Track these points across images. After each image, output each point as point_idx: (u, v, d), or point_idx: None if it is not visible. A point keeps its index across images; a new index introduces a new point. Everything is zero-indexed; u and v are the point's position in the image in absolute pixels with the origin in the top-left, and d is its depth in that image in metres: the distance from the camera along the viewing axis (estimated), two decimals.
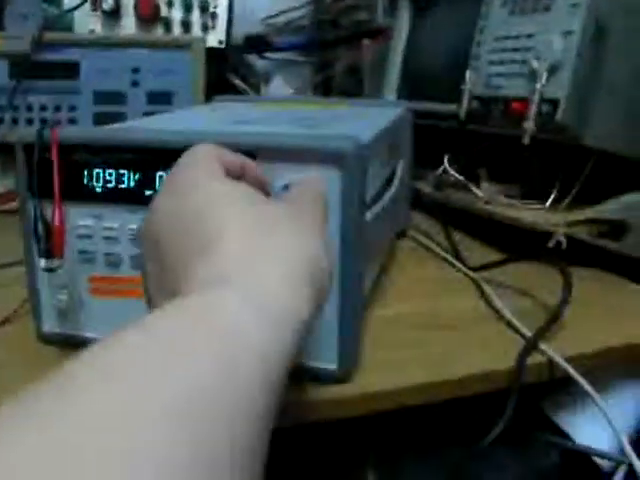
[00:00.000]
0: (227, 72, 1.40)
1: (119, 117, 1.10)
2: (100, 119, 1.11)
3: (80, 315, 0.61)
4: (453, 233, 0.92)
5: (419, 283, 0.80)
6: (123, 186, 0.56)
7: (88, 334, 0.61)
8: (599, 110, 0.82)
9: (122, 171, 0.56)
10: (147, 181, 0.56)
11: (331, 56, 1.63)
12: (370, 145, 0.58)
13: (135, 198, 0.56)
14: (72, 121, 1.11)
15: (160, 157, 0.55)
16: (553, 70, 0.84)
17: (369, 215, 0.60)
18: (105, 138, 0.57)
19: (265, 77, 1.63)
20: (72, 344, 0.61)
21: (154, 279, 0.42)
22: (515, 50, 0.93)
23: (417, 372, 0.59)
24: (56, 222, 0.54)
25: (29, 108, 1.11)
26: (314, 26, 1.77)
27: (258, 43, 1.66)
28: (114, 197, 0.57)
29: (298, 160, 0.51)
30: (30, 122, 1.10)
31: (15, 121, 1.10)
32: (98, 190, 0.57)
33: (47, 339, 0.63)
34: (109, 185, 0.57)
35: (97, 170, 0.57)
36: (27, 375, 0.56)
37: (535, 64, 0.86)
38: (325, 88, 1.63)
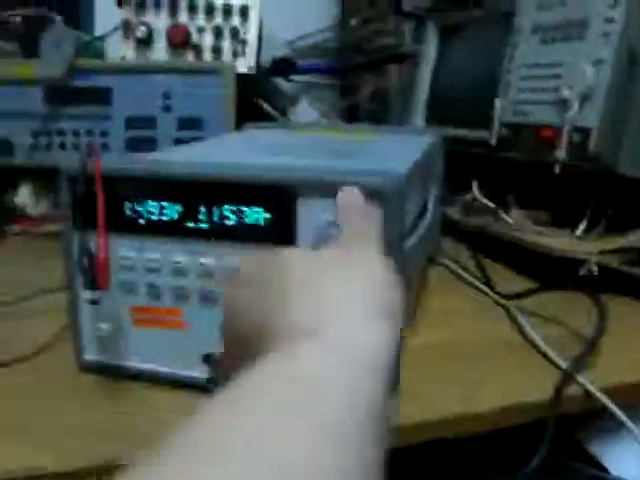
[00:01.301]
0: (255, 96, 1.41)
1: (150, 142, 1.12)
2: (132, 144, 1.12)
3: (121, 344, 0.62)
4: (482, 260, 0.92)
5: (450, 311, 0.81)
6: (165, 218, 0.57)
7: (128, 363, 0.62)
8: (631, 138, 0.82)
9: (164, 203, 0.57)
10: (189, 213, 0.56)
11: (357, 80, 1.64)
12: (407, 179, 0.59)
13: (177, 230, 0.57)
14: (104, 146, 1.12)
15: (202, 190, 0.55)
16: (585, 99, 0.84)
17: (411, 240, 0.61)
18: (149, 171, 0.58)
19: (291, 100, 1.64)
20: (112, 373, 0.62)
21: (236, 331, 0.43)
22: (545, 78, 0.93)
23: (451, 404, 0.59)
24: (101, 256, 0.54)
25: (62, 133, 1.12)
26: (339, 50, 1.79)
27: (284, 66, 1.68)
28: (156, 229, 0.58)
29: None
30: (63, 147, 1.12)
31: (49, 146, 1.12)
32: (141, 222, 0.58)
33: (87, 368, 0.63)
34: (152, 217, 0.58)
35: (140, 202, 0.57)
36: (68, 404, 0.57)
37: (566, 92, 0.86)
38: (351, 112, 1.64)
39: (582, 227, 0.90)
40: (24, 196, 1.11)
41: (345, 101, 1.68)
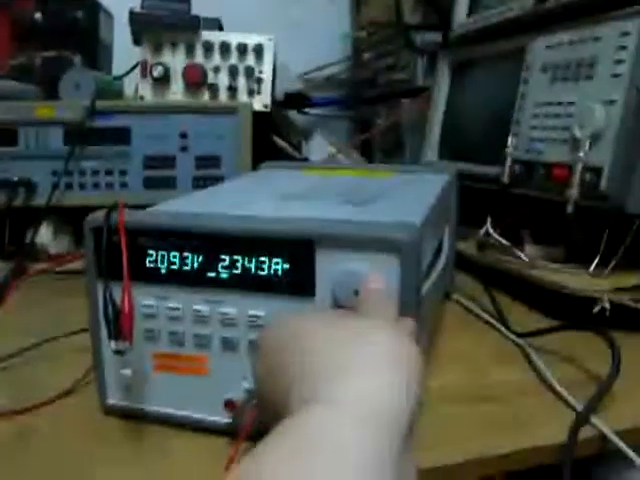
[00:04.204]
0: (271, 132, 1.43)
1: (169, 181, 1.14)
2: (150, 183, 1.15)
3: (144, 389, 0.63)
4: (496, 296, 0.93)
5: (465, 350, 0.82)
6: (186, 268, 0.59)
7: (152, 408, 0.63)
8: None
9: (185, 254, 0.59)
10: (209, 264, 0.58)
11: (370, 114, 1.66)
12: (423, 228, 0.60)
13: (198, 280, 0.59)
14: (123, 185, 1.14)
15: (223, 242, 0.57)
16: (596, 138, 0.86)
17: (427, 284, 0.62)
18: (171, 225, 0.59)
19: (306, 134, 1.66)
20: (136, 417, 0.63)
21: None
22: (557, 116, 0.95)
23: (466, 447, 0.60)
24: (125, 309, 0.56)
25: (82, 173, 1.14)
26: (353, 83, 1.81)
27: (298, 99, 1.70)
28: (178, 279, 0.59)
29: (356, 248, 0.53)
30: (83, 187, 1.14)
31: (69, 186, 1.14)
32: (163, 272, 0.59)
33: (111, 411, 0.65)
34: (173, 267, 0.59)
35: (162, 252, 0.59)
36: (92, 448, 0.59)
37: (577, 132, 0.88)
38: (366, 146, 1.66)
39: (595, 264, 0.91)
40: (45, 235, 1.13)
41: (360, 135, 1.69)
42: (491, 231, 1.04)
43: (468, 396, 0.70)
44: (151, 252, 0.60)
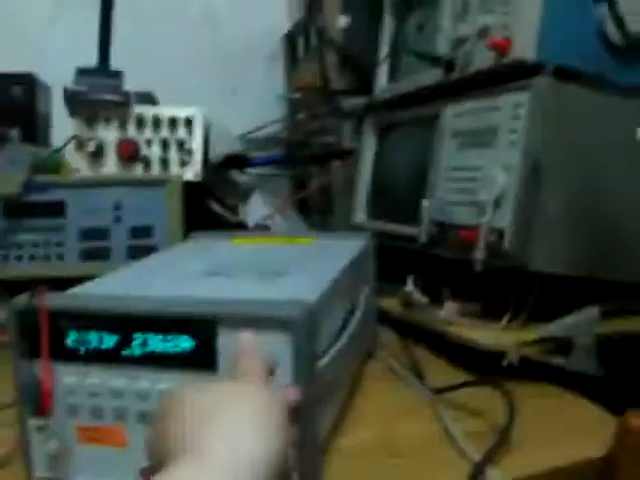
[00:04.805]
0: (207, 198, 1.48)
1: (104, 252, 1.19)
2: (86, 254, 1.18)
3: (69, 461, 0.67)
4: (414, 352, 0.98)
5: (381, 407, 0.86)
6: (104, 347, 0.63)
7: (77, 478, 0.67)
8: (539, 238, 0.89)
9: (102, 333, 0.63)
10: (124, 342, 0.63)
11: (305, 174, 1.72)
12: (323, 301, 0.66)
13: (114, 357, 0.63)
14: (59, 257, 1.18)
15: (135, 322, 0.62)
16: (498, 202, 0.92)
17: (325, 360, 0.67)
18: (87, 307, 0.64)
19: (245, 195, 1.71)
20: None
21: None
22: (464, 180, 1.01)
23: None
24: (45, 387, 0.60)
25: (19, 245, 1.18)
26: (288, 144, 1.87)
27: (237, 160, 1.75)
28: (96, 357, 0.64)
29: (254, 326, 0.59)
30: (19, 259, 1.18)
31: (6, 258, 1.18)
32: (82, 351, 0.64)
33: None
34: (91, 346, 0.64)
35: (81, 333, 0.64)
36: None
37: (482, 195, 0.94)
38: (303, 205, 1.71)
39: (505, 319, 0.96)
40: None
41: (297, 195, 1.75)
42: (412, 289, 1.09)
43: (376, 451, 0.74)
44: (71, 333, 0.64)
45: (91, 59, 1.29)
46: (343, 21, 1.47)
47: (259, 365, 0.56)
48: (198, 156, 1.30)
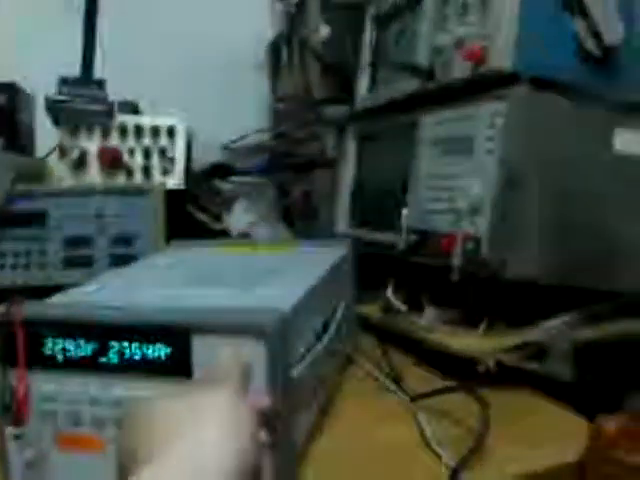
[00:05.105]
0: (189, 205, 1.49)
1: (86, 260, 1.19)
2: (68, 263, 1.19)
3: (47, 468, 0.67)
4: (393, 358, 0.99)
5: (359, 412, 0.87)
6: (81, 355, 0.64)
7: None
8: (514, 246, 0.90)
9: (80, 341, 0.64)
10: (101, 350, 0.63)
11: (289, 182, 1.73)
12: (298, 309, 0.67)
13: (91, 365, 0.64)
14: (42, 266, 1.19)
15: (111, 330, 0.63)
16: (474, 210, 0.93)
17: (301, 366, 0.68)
18: (64, 315, 0.65)
19: (229, 203, 1.71)
20: None
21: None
22: (443, 189, 1.02)
23: None
24: (20, 396, 0.61)
25: (1, 255, 1.18)
26: (272, 153, 1.87)
27: (222, 169, 1.76)
28: (73, 364, 0.64)
29: (227, 333, 0.60)
30: (2, 267, 1.18)
31: None
32: (59, 359, 0.64)
33: None
34: (68, 354, 0.64)
35: (58, 341, 0.64)
36: None
37: (459, 204, 0.95)
38: (287, 213, 1.72)
39: (483, 326, 0.98)
40: None
41: (280, 203, 1.76)
42: (390, 296, 1.10)
43: (353, 457, 0.75)
44: (48, 341, 0.65)
45: (75, 70, 1.30)
46: (325, 31, 1.49)
47: (236, 372, 0.57)
48: (180, 164, 1.31)
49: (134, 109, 1.43)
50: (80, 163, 1.28)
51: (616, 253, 0.97)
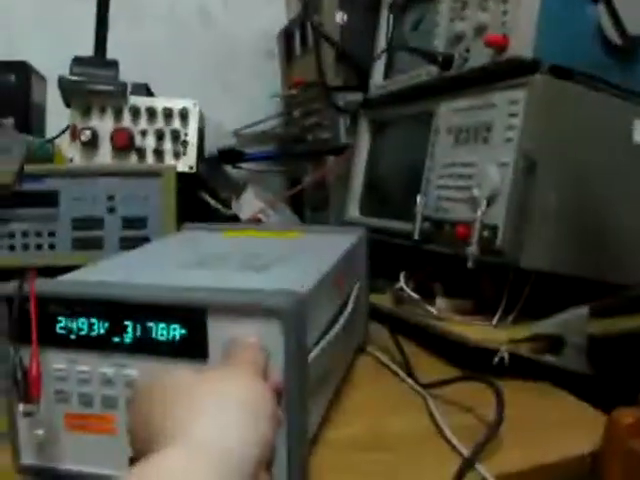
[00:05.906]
0: (201, 189, 1.48)
1: (97, 242, 1.18)
2: (78, 244, 1.18)
3: (56, 449, 0.67)
4: (405, 347, 0.97)
5: (371, 401, 0.86)
6: (94, 333, 0.63)
7: (64, 466, 0.67)
8: (531, 235, 0.89)
9: (92, 320, 0.63)
10: (115, 329, 0.62)
11: (299, 170, 1.72)
12: (313, 292, 0.66)
13: (104, 344, 0.63)
14: (52, 246, 1.18)
15: (126, 309, 0.62)
16: (492, 198, 0.92)
17: (315, 352, 0.67)
18: (78, 292, 0.64)
19: (238, 189, 1.70)
20: (47, 476, 0.67)
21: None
22: (460, 177, 1.01)
23: None
24: (33, 373, 0.60)
25: (11, 235, 1.18)
26: (283, 140, 1.87)
27: (231, 155, 1.75)
28: (86, 343, 0.63)
29: (243, 315, 0.58)
30: (12, 248, 1.17)
31: None
32: (72, 337, 0.63)
33: (24, 471, 0.68)
34: (81, 333, 0.63)
35: (71, 319, 0.63)
36: None
37: (476, 192, 0.94)
38: (296, 201, 1.71)
39: (497, 316, 0.97)
40: None
41: (290, 190, 1.75)
42: (403, 285, 1.09)
43: (365, 446, 0.74)
44: (61, 319, 0.64)
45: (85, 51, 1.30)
46: (340, 17, 1.47)
47: (258, 356, 0.56)
48: (193, 148, 1.30)
49: (147, 91, 1.42)
50: (92, 144, 1.27)
51: (633, 245, 0.96)
